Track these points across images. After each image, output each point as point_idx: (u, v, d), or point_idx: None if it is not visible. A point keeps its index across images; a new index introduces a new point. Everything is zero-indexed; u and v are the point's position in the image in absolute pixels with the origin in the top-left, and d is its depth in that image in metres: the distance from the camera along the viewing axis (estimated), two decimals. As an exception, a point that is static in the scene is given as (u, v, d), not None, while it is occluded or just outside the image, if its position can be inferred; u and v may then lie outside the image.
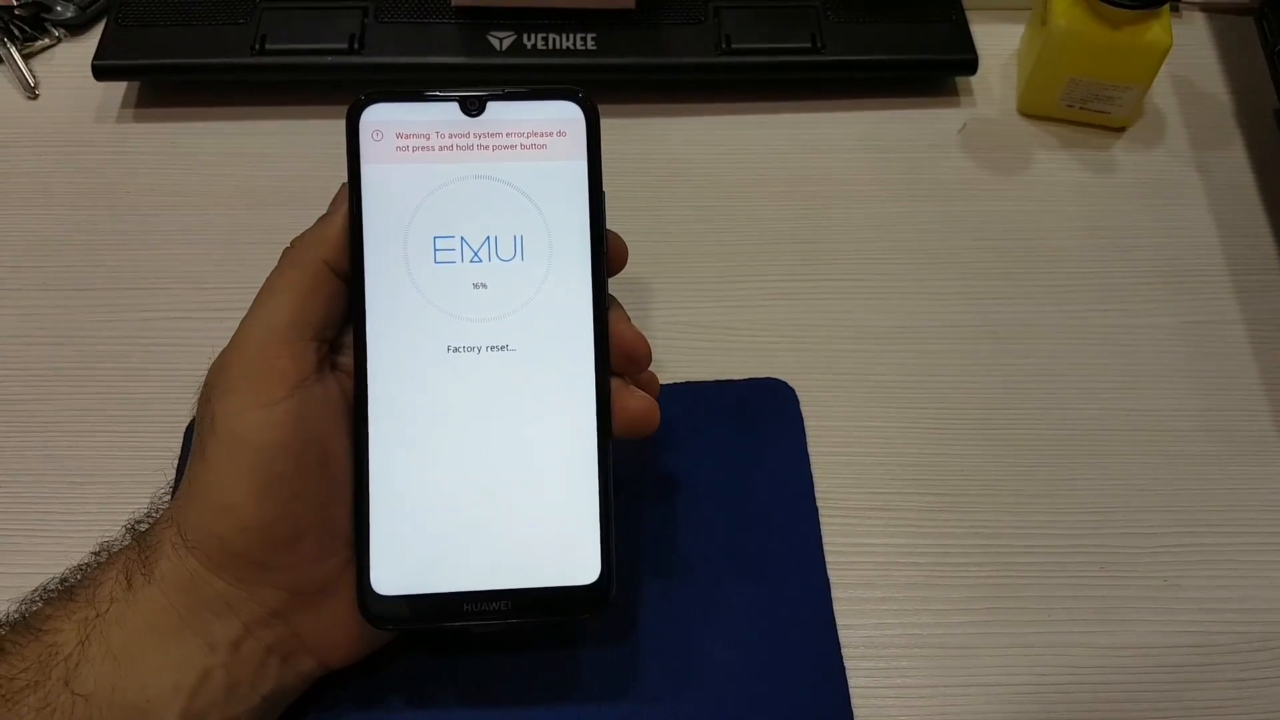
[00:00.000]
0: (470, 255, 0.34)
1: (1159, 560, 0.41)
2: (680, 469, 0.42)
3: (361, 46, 0.51)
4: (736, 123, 0.53)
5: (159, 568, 0.32)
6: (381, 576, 0.33)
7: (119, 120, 0.52)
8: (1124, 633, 0.40)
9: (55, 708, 0.30)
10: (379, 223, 0.34)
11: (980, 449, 0.44)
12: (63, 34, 0.55)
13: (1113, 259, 0.49)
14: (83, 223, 0.49)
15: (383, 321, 0.34)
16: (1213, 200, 0.51)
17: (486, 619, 0.33)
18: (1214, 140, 0.53)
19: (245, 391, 0.32)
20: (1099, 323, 0.47)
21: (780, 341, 0.46)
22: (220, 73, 0.51)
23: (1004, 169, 0.52)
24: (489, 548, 0.34)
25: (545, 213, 0.34)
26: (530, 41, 0.51)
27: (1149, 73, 0.50)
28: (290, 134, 0.52)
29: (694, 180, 0.51)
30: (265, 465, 0.32)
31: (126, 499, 0.37)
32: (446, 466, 0.34)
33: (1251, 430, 0.45)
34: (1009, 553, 0.41)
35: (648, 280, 0.47)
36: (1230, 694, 0.39)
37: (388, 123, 0.34)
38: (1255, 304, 0.48)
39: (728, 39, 0.52)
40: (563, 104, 0.34)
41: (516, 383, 0.34)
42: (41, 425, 0.43)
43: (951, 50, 0.53)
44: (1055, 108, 0.52)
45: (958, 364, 0.46)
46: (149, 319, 0.46)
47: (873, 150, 0.52)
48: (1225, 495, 0.43)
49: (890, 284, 0.48)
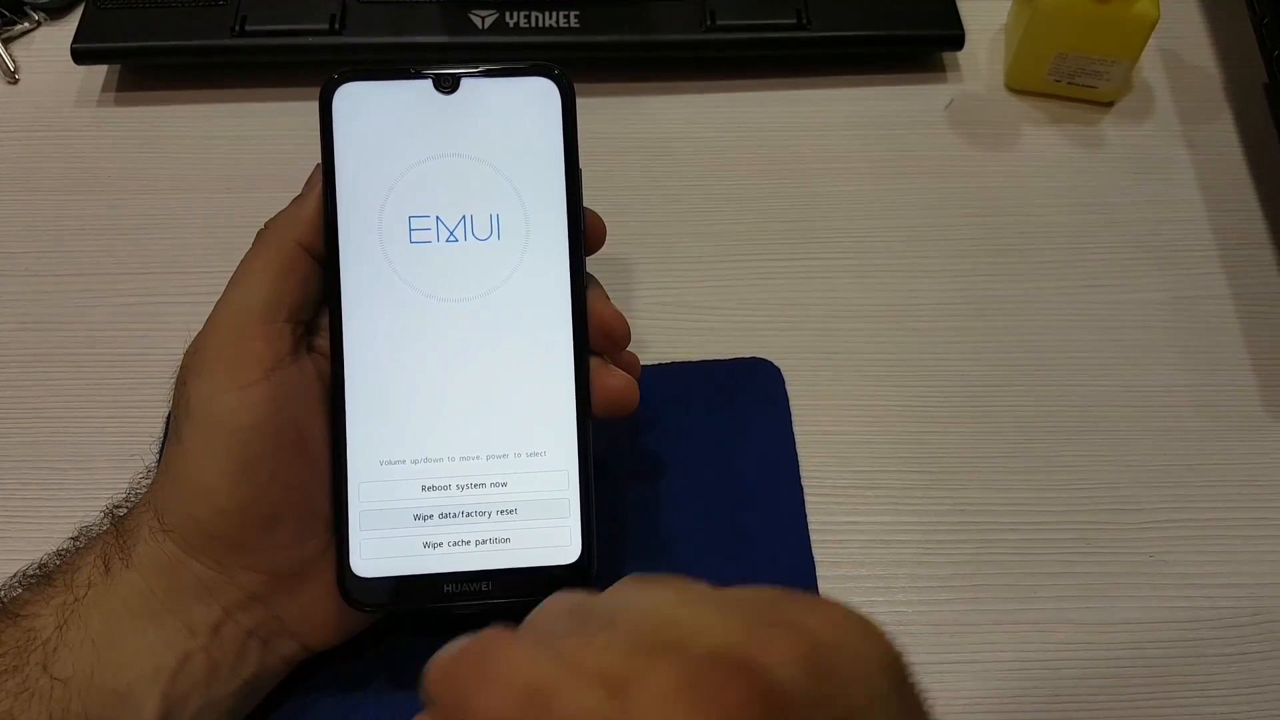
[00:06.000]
0: (446, 234, 0.34)
1: (1146, 536, 0.41)
2: (665, 449, 0.42)
3: (342, 27, 0.50)
4: (721, 100, 0.52)
5: (137, 552, 0.32)
6: (361, 558, 0.33)
7: (99, 104, 0.52)
8: (1111, 609, 0.40)
9: (34, 692, 0.30)
10: (353, 203, 0.34)
11: (967, 426, 0.44)
12: (42, 18, 0.54)
13: (1101, 234, 0.49)
14: (63, 207, 0.49)
15: (358, 302, 0.34)
16: (1201, 175, 0.51)
17: (468, 600, 0.33)
18: (1203, 114, 0.52)
19: (220, 374, 0.32)
20: (1087, 298, 0.47)
21: (765, 320, 0.46)
22: (200, 55, 0.51)
23: (991, 145, 0.51)
24: (469, 528, 0.33)
25: (521, 191, 0.34)
26: (513, 20, 0.51)
27: (1136, 47, 0.49)
28: (271, 116, 0.51)
29: (678, 158, 0.51)
30: (241, 447, 0.32)
31: (107, 485, 0.37)
32: (424, 447, 0.34)
33: (1239, 406, 0.44)
34: (996, 530, 0.41)
35: (632, 260, 0.47)
36: (1217, 669, 0.39)
37: (361, 102, 0.34)
38: (1244, 279, 0.47)
39: (712, 15, 0.51)
40: (538, 80, 0.34)
41: (494, 362, 0.34)
42: (21, 411, 0.43)
43: (938, 25, 0.52)
44: (1043, 83, 0.52)
45: (945, 341, 0.46)
46: (129, 303, 0.46)
47: (859, 127, 0.52)
48: (1213, 471, 0.43)
49: (877, 261, 0.48)
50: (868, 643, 0.24)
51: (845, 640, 0.23)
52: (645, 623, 0.24)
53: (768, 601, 0.24)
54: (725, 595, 0.25)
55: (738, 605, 0.24)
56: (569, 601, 0.25)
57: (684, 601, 0.24)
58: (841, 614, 0.24)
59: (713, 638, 0.23)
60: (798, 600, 0.24)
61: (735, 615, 0.23)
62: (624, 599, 0.25)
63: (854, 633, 0.24)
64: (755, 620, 0.23)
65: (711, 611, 0.24)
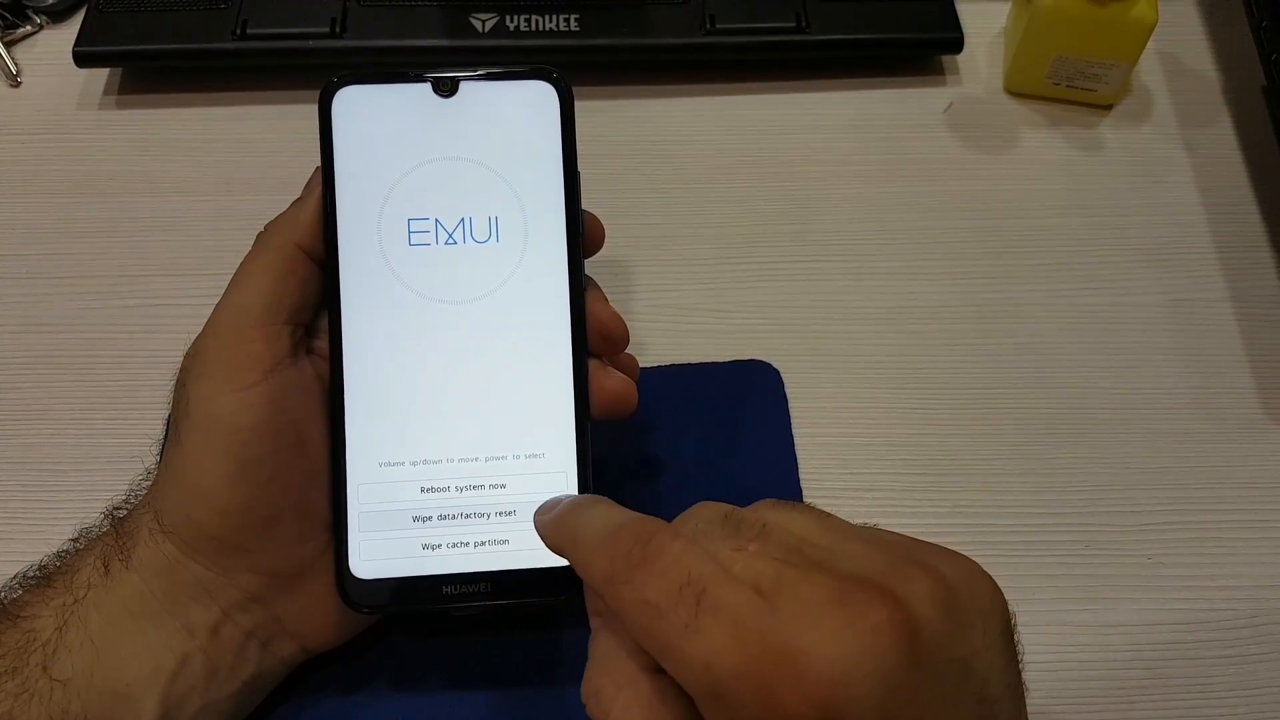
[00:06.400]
0: (445, 237, 0.34)
1: (1145, 538, 0.41)
2: (664, 451, 0.42)
3: (343, 30, 0.50)
4: (720, 103, 0.52)
5: (136, 553, 0.32)
6: (360, 560, 0.33)
7: (101, 107, 0.52)
8: (1109, 611, 0.40)
9: (33, 693, 0.30)
10: (352, 205, 0.34)
11: (966, 429, 0.44)
12: (45, 21, 0.55)
13: (1099, 237, 0.49)
14: (64, 210, 0.49)
15: (357, 304, 0.34)
16: (1200, 178, 0.51)
17: (466, 601, 0.33)
18: (1201, 117, 0.53)
19: (220, 375, 0.32)
20: (1085, 301, 0.47)
21: (764, 323, 0.46)
22: (202, 58, 0.51)
23: (990, 148, 0.51)
24: (468, 529, 0.33)
25: (520, 193, 0.34)
26: (513, 23, 0.51)
27: (1135, 49, 0.49)
28: (272, 119, 0.51)
29: (677, 161, 0.51)
30: (241, 449, 0.32)
31: (108, 487, 0.37)
32: (423, 449, 0.34)
33: (1238, 408, 0.44)
34: (994, 532, 0.41)
35: (632, 263, 0.47)
36: (1215, 671, 0.39)
37: (361, 105, 0.34)
38: (1242, 282, 0.48)
39: (711, 19, 0.51)
40: (537, 84, 0.34)
41: (493, 364, 0.34)
42: (21, 413, 0.43)
43: (937, 29, 0.52)
44: (1042, 86, 0.52)
45: (944, 344, 0.46)
46: (130, 306, 0.46)
47: (858, 130, 0.52)
48: (1211, 473, 0.43)
49: (876, 264, 0.48)
50: (990, 597, 0.25)
51: (971, 589, 0.25)
52: (794, 539, 0.25)
53: (904, 543, 0.26)
54: (865, 531, 0.27)
55: (878, 541, 0.26)
56: (719, 510, 0.27)
57: (830, 529, 0.26)
58: (970, 564, 0.26)
59: (856, 564, 0.24)
60: (930, 547, 0.26)
61: (877, 549, 0.25)
62: (772, 515, 0.26)
63: (979, 583, 0.25)
64: (895, 556, 0.25)
65: (855, 542, 0.26)
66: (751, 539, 0.25)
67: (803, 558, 0.25)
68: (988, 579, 0.26)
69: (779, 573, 0.24)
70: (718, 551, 0.25)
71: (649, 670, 0.25)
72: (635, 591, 0.24)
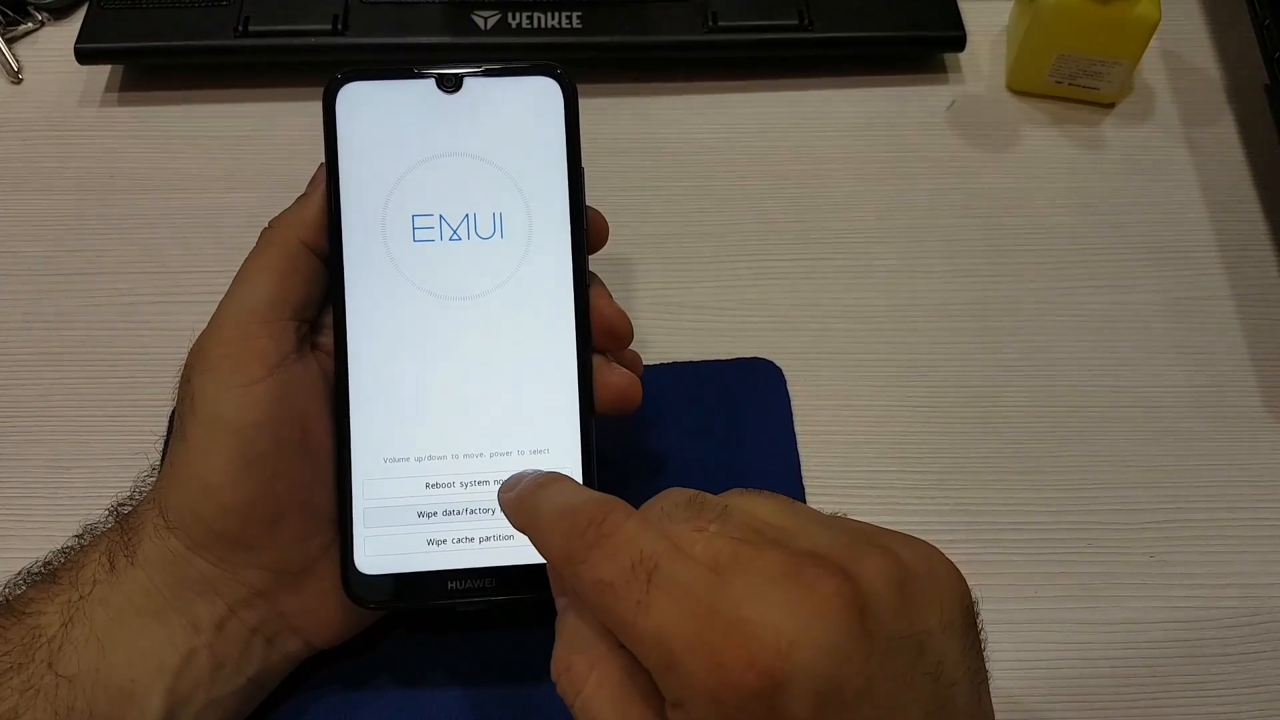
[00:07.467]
0: (449, 233, 0.34)
1: (1146, 536, 0.41)
2: (667, 448, 0.42)
3: (345, 27, 0.50)
4: (723, 101, 0.52)
5: (141, 549, 0.32)
6: (365, 555, 0.33)
7: (103, 104, 0.52)
8: (1111, 609, 0.40)
9: (39, 689, 0.30)
10: (357, 201, 0.34)
11: (967, 427, 0.44)
12: (46, 18, 0.55)
13: (1102, 235, 0.49)
14: (67, 207, 0.49)
15: (361, 300, 0.34)
16: (1202, 176, 0.51)
17: (471, 597, 0.34)
18: (1204, 116, 0.53)
19: (224, 371, 0.32)
20: (1088, 300, 0.47)
21: (767, 321, 0.46)
22: (203, 55, 0.51)
23: (993, 146, 0.51)
24: (473, 525, 0.34)
25: (524, 189, 0.34)
26: (515, 20, 0.51)
27: (1138, 48, 0.49)
28: (274, 116, 0.51)
29: (680, 158, 0.51)
30: (246, 445, 0.32)
31: (111, 483, 0.37)
32: (428, 444, 0.34)
33: (1239, 406, 0.44)
34: (996, 530, 0.41)
35: (635, 260, 0.47)
36: (1216, 669, 0.39)
37: (364, 101, 0.34)
38: (1244, 280, 0.48)
39: (714, 16, 0.51)
40: (540, 80, 0.34)
41: (497, 360, 0.34)
42: (25, 410, 0.43)
43: (940, 26, 0.52)
44: (1044, 84, 0.52)
45: (946, 342, 0.46)
46: (133, 302, 0.46)
47: (861, 128, 0.52)
48: (1212, 471, 0.43)
49: (878, 262, 0.48)
50: (948, 580, 0.26)
51: (930, 572, 0.26)
52: (755, 521, 0.26)
53: (867, 529, 0.27)
54: (830, 517, 0.27)
55: (840, 525, 0.27)
56: (685, 494, 0.27)
57: (793, 513, 0.27)
58: (929, 549, 0.26)
59: (813, 543, 0.25)
60: (892, 533, 0.27)
61: (838, 531, 0.26)
62: (737, 500, 0.27)
63: (939, 566, 0.26)
64: (855, 538, 0.26)
65: (817, 525, 0.26)
66: (712, 520, 0.26)
67: (761, 537, 0.25)
68: (948, 564, 0.26)
69: (735, 550, 0.25)
70: (679, 533, 0.25)
71: (617, 649, 0.25)
72: (591, 571, 0.25)
